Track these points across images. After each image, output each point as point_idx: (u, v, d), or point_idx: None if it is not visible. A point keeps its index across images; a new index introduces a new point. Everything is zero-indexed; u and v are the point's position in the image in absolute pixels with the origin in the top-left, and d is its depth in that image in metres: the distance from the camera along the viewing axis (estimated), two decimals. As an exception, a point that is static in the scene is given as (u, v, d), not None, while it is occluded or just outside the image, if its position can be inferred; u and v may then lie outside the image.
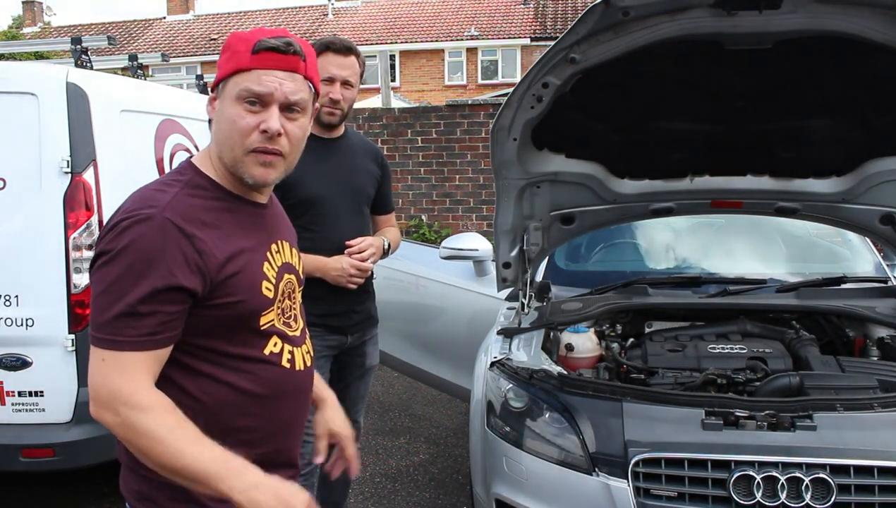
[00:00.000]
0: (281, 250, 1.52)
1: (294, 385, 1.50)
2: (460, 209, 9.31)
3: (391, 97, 11.19)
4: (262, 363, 1.43)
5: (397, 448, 4.47)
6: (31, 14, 30.79)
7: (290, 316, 1.52)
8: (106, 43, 4.64)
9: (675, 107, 2.69)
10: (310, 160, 2.65)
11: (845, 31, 2.19)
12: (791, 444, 2.06)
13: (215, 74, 1.45)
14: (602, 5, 2.17)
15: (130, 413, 1.26)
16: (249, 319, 1.40)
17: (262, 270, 1.43)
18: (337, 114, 2.64)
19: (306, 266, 2.59)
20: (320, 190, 2.63)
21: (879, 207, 2.90)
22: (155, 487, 1.37)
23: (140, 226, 1.29)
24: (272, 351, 1.45)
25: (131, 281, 1.27)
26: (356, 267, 2.61)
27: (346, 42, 2.62)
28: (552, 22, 25.45)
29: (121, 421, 1.27)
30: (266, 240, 1.48)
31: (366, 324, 2.83)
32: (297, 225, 2.63)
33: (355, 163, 2.77)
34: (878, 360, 2.70)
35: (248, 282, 1.39)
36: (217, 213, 1.39)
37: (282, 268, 1.49)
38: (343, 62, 2.60)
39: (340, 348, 2.76)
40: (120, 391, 1.27)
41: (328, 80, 2.58)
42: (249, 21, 29.09)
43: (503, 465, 2.40)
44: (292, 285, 1.54)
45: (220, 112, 1.42)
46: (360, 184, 2.77)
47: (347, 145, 2.78)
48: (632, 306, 2.98)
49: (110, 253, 1.29)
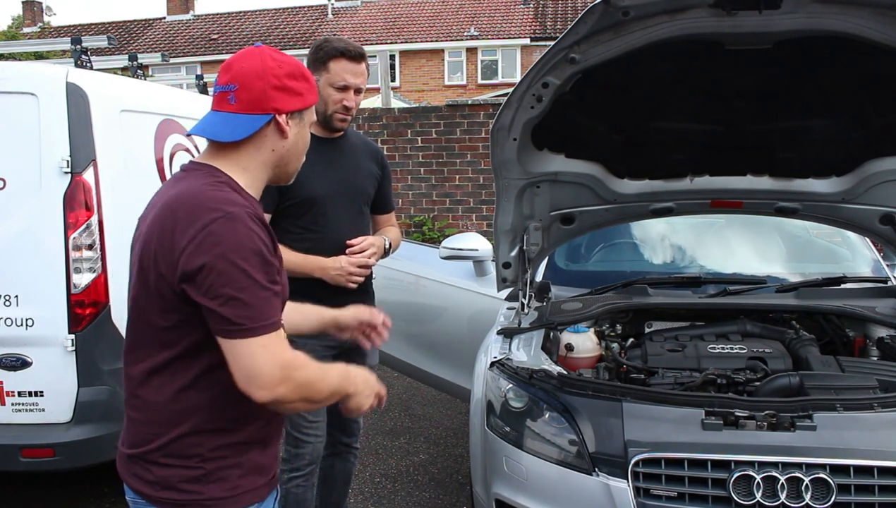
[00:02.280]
0: None
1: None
2: (460, 209, 9.31)
3: (391, 97, 11.20)
4: None
5: (397, 448, 4.47)
6: (31, 14, 30.79)
7: None
8: (106, 43, 4.63)
9: (675, 107, 2.69)
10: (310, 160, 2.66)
11: (845, 31, 2.19)
12: (791, 444, 2.06)
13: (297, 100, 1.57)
14: (602, 5, 2.17)
15: (299, 373, 1.48)
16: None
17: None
18: (347, 119, 2.68)
19: (306, 267, 2.60)
20: (321, 189, 2.64)
21: (879, 207, 2.90)
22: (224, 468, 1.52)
23: (234, 223, 1.42)
24: None
25: (258, 268, 1.43)
26: (356, 264, 2.62)
27: (359, 49, 2.63)
28: (552, 22, 25.45)
29: (296, 385, 1.47)
30: None
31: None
32: (297, 224, 2.65)
33: (356, 163, 2.78)
34: (878, 360, 2.70)
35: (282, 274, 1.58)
36: None
37: None
38: (357, 69, 2.62)
39: (340, 348, 2.75)
40: (287, 361, 1.46)
41: (342, 87, 2.60)
42: (249, 21, 29.09)
43: (503, 465, 2.40)
44: None
45: (302, 135, 1.62)
46: (360, 183, 2.77)
47: (349, 145, 2.79)
48: (632, 306, 2.98)
49: (223, 255, 1.40)
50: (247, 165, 1.56)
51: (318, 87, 2.59)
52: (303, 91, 1.57)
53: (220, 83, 1.55)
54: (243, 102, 1.52)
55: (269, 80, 1.52)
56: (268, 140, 1.56)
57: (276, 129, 1.55)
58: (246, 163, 1.56)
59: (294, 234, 2.62)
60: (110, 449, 3.34)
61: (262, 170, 1.59)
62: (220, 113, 1.55)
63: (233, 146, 1.55)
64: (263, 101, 1.52)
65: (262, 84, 1.51)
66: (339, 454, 2.96)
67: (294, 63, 1.57)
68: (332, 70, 2.60)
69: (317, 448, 2.73)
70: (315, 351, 2.66)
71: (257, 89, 1.51)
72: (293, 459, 2.71)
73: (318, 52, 2.62)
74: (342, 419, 2.90)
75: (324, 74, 2.61)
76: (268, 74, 1.52)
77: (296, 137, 1.60)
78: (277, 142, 1.57)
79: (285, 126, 1.55)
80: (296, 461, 2.71)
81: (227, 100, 1.53)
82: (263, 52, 1.55)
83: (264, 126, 1.54)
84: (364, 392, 1.65)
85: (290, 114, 1.56)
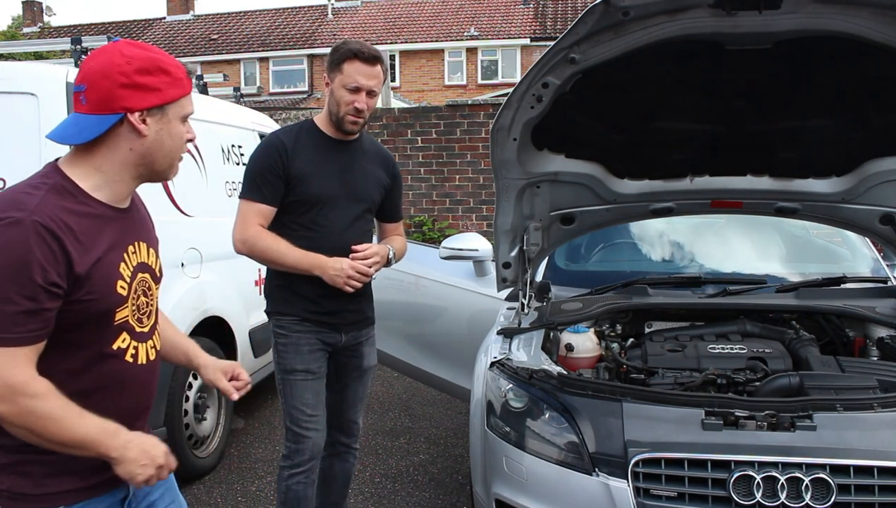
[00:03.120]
0: (137, 251, 1.62)
1: (133, 377, 1.62)
2: (460, 209, 9.31)
3: (391, 97, 11.20)
4: (108, 357, 1.55)
5: (397, 448, 4.47)
6: (31, 14, 30.78)
7: (144, 312, 1.64)
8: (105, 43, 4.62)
9: (675, 107, 2.69)
10: (318, 159, 2.65)
11: (845, 32, 2.19)
12: (791, 444, 2.05)
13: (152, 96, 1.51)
14: (602, 5, 2.17)
15: (29, 401, 1.40)
16: (105, 315, 1.52)
17: (119, 270, 1.54)
18: (360, 122, 2.64)
19: (305, 263, 2.58)
20: (324, 190, 2.63)
21: (879, 207, 2.90)
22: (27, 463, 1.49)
23: (10, 230, 1.38)
24: (119, 346, 1.57)
25: (12, 280, 1.38)
26: (356, 269, 2.59)
27: (374, 51, 2.60)
28: (552, 22, 25.45)
29: (18, 410, 1.40)
30: (123, 241, 1.58)
31: (361, 324, 2.82)
32: (297, 222, 2.63)
33: (364, 169, 2.75)
34: (878, 360, 2.70)
35: (105, 281, 1.50)
36: (81, 218, 1.48)
37: (137, 268, 1.60)
38: (370, 71, 2.58)
39: (335, 346, 2.76)
40: (16, 382, 1.40)
41: (354, 88, 2.58)
42: (249, 21, 29.08)
43: (503, 465, 2.40)
44: (147, 283, 1.65)
45: (166, 131, 1.55)
46: (366, 189, 2.75)
47: (361, 149, 2.76)
48: (632, 306, 2.98)
49: None
50: (101, 166, 1.52)
51: (332, 89, 2.61)
52: (159, 86, 1.50)
53: (76, 83, 1.51)
54: (92, 103, 1.48)
55: (115, 78, 1.46)
56: (123, 140, 1.51)
57: (130, 128, 1.50)
58: (100, 164, 1.52)
59: (292, 231, 2.62)
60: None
61: (123, 170, 1.54)
62: (74, 114, 1.51)
63: (87, 147, 1.51)
64: (111, 101, 1.47)
65: (108, 83, 1.46)
66: (338, 454, 2.95)
67: (148, 57, 1.50)
68: (345, 71, 2.58)
69: (317, 443, 2.72)
70: (311, 343, 2.68)
71: (104, 89, 1.47)
72: (293, 455, 2.70)
73: (334, 54, 2.62)
74: (340, 418, 2.90)
75: (338, 76, 2.60)
76: (114, 72, 1.46)
77: (158, 134, 1.53)
78: (135, 142, 1.51)
79: (139, 124, 1.50)
80: (296, 456, 2.69)
81: (79, 100, 1.50)
82: (115, 48, 1.50)
83: (116, 126, 1.49)
84: (138, 461, 1.49)
85: (148, 110, 1.50)
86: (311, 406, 2.69)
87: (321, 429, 2.73)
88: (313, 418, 2.69)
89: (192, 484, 3.98)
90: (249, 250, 2.63)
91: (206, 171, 4.33)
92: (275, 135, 2.71)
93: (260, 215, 2.61)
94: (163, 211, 3.88)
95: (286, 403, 2.71)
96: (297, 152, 2.63)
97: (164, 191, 3.90)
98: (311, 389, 2.69)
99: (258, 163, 2.64)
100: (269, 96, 25.01)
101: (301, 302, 2.68)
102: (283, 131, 2.72)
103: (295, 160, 2.61)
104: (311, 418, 2.69)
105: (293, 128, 2.72)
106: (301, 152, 2.63)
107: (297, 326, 2.68)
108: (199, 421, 4.05)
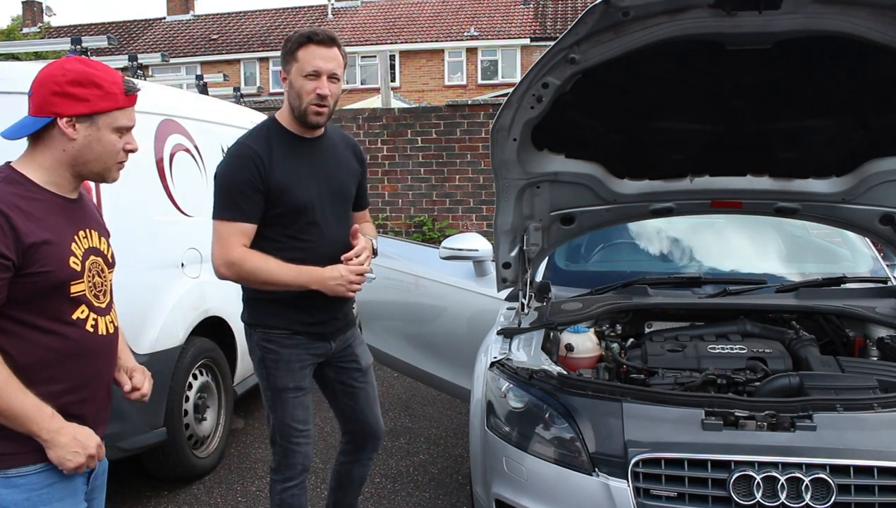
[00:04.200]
0: (88, 237, 1.82)
1: (95, 345, 1.80)
2: (460, 209, 9.31)
3: (391, 97, 11.20)
4: (69, 325, 1.74)
5: (397, 448, 4.47)
6: (31, 14, 30.78)
7: (100, 290, 1.84)
8: (106, 43, 4.63)
9: (675, 107, 2.69)
10: (295, 164, 2.51)
11: (845, 32, 2.19)
12: (791, 444, 2.05)
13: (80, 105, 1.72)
14: (602, 5, 2.17)
15: None
16: (62, 287, 1.71)
17: (70, 248, 1.75)
18: (324, 112, 2.47)
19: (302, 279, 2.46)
20: (309, 196, 2.50)
21: (879, 207, 2.90)
22: None
23: None
24: (79, 316, 1.76)
25: None
26: (354, 271, 2.50)
27: (328, 32, 2.44)
28: (552, 22, 25.45)
29: None
30: (74, 226, 1.78)
31: (346, 328, 2.73)
32: (284, 235, 2.51)
33: (338, 163, 2.63)
34: (878, 360, 2.70)
35: (57, 256, 1.70)
36: (30, 201, 1.70)
37: (88, 250, 1.80)
38: (327, 54, 2.42)
39: (326, 355, 2.67)
40: None
41: (313, 74, 2.41)
42: (249, 21, 29.09)
43: (503, 465, 2.40)
44: (99, 266, 1.84)
45: (95, 137, 1.75)
46: (344, 184, 2.64)
47: (329, 143, 2.63)
48: (632, 306, 2.98)
49: None
50: (42, 162, 1.75)
51: (290, 81, 2.46)
52: (89, 97, 1.72)
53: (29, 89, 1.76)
54: (32, 106, 1.74)
55: (49, 86, 1.71)
56: (57, 141, 1.74)
57: (60, 132, 1.72)
58: (41, 161, 1.75)
59: (283, 243, 2.49)
60: (110, 449, 3.34)
61: (60, 168, 1.76)
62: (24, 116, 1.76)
63: (33, 148, 1.76)
64: (44, 105, 1.71)
65: (44, 90, 1.72)
66: (358, 461, 2.90)
67: (83, 71, 1.73)
68: (300, 58, 2.41)
69: (308, 455, 2.66)
70: (302, 359, 2.60)
71: (41, 95, 1.72)
72: (284, 469, 2.62)
73: (286, 45, 2.46)
74: (364, 423, 2.82)
75: (293, 66, 2.43)
76: (49, 81, 1.71)
77: (87, 140, 1.74)
78: (66, 144, 1.74)
79: (67, 128, 1.72)
80: (287, 470, 2.62)
81: (28, 104, 1.75)
82: (60, 62, 1.75)
83: (49, 128, 1.72)
84: (69, 446, 1.68)
85: (78, 117, 1.72)
86: (303, 421, 2.61)
87: (311, 440, 2.67)
88: (305, 432, 2.62)
89: (192, 484, 3.98)
90: (236, 274, 2.45)
91: (206, 171, 4.33)
92: (244, 145, 2.49)
93: (242, 235, 2.43)
94: (163, 211, 3.88)
95: (277, 420, 2.61)
96: (274, 162, 2.45)
97: (165, 191, 3.90)
98: (301, 405, 2.61)
99: (234, 178, 2.43)
100: (269, 96, 24.94)
101: (292, 314, 2.55)
102: (252, 139, 2.51)
103: (273, 170, 2.44)
104: (303, 432, 2.62)
105: (260, 134, 2.52)
106: (277, 161, 2.46)
107: (288, 340, 2.56)
108: (199, 421, 4.05)
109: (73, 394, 1.75)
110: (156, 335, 3.62)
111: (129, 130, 1.81)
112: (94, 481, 1.88)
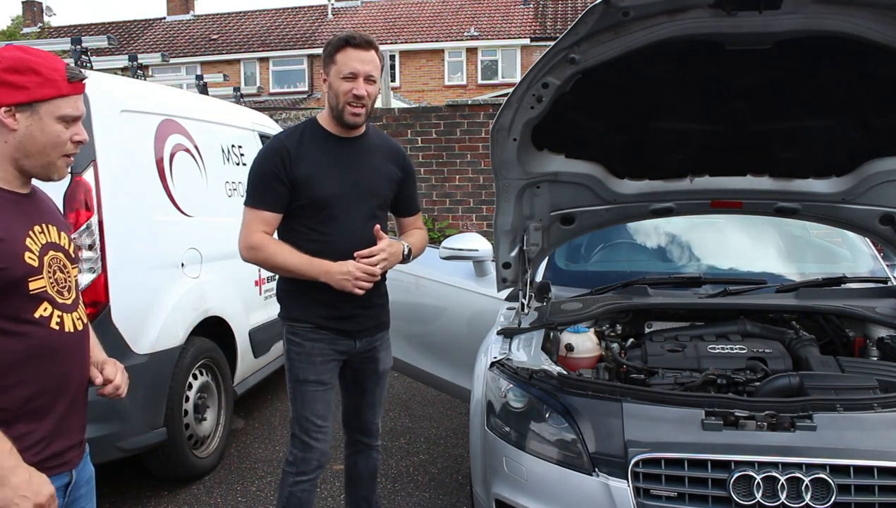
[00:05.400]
0: (46, 232, 1.73)
1: (62, 344, 1.70)
2: (460, 209, 9.31)
3: (391, 97, 11.20)
4: (31, 324, 1.64)
5: (397, 448, 4.47)
6: (31, 14, 30.77)
7: (63, 286, 1.74)
8: (106, 43, 4.63)
9: (675, 107, 2.69)
10: (324, 159, 2.60)
11: (845, 32, 2.19)
12: (791, 444, 2.05)
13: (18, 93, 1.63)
14: (602, 5, 2.17)
15: None
16: (19, 284, 1.62)
17: (25, 243, 1.65)
18: (361, 113, 2.56)
19: (311, 270, 2.53)
20: (331, 191, 2.58)
21: (879, 207, 2.90)
22: None
23: None
24: (42, 314, 1.66)
25: None
26: (363, 270, 2.53)
27: (366, 36, 2.55)
28: (552, 22, 25.44)
29: None
30: (28, 221, 1.69)
31: (376, 329, 2.77)
32: (306, 226, 2.59)
33: (373, 164, 2.69)
34: (878, 360, 2.70)
35: (11, 251, 1.61)
36: None
37: (47, 246, 1.71)
38: (364, 56, 2.52)
39: (349, 353, 2.71)
40: None
41: (350, 75, 2.51)
42: (249, 21, 29.08)
43: (503, 465, 2.40)
44: (60, 261, 1.75)
45: (38, 127, 1.66)
46: (375, 185, 2.68)
47: (367, 145, 2.70)
48: (632, 306, 2.98)
49: None
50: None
51: (330, 83, 2.56)
52: (27, 84, 1.62)
53: None
54: None
55: None
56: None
57: (0, 123, 1.63)
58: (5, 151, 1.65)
59: (302, 235, 2.59)
60: (110, 450, 3.35)
61: (5, 162, 1.67)
62: None
63: None
64: None
65: None
66: (359, 451, 2.94)
67: (20, 58, 1.63)
68: (339, 61, 2.52)
69: (325, 452, 2.70)
70: (324, 354, 2.66)
71: None
72: (300, 463, 2.67)
73: (326, 49, 2.57)
74: (360, 421, 2.89)
75: (332, 67, 2.54)
76: None
77: (28, 130, 1.65)
78: (7, 135, 1.65)
79: (6, 118, 1.63)
80: (302, 464, 2.67)
81: None
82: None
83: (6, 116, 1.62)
84: (19, 490, 1.55)
85: (17, 106, 1.63)
86: (322, 416, 2.66)
87: (329, 439, 2.72)
88: (323, 428, 2.67)
89: (192, 484, 3.97)
90: (255, 258, 2.60)
91: (206, 172, 4.33)
92: (277, 138, 2.65)
93: (263, 222, 2.57)
94: (163, 211, 3.88)
95: (296, 412, 2.67)
96: (301, 155, 2.57)
97: (164, 191, 3.90)
98: (322, 399, 2.66)
99: (260, 168, 2.59)
100: (269, 96, 25.01)
101: (317, 308, 2.62)
102: (286, 134, 2.66)
103: (299, 163, 2.55)
104: (321, 428, 2.66)
105: (296, 130, 2.65)
106: (305, 154, 2.57)
107: (312, 334, 2.64)
108: (199, 421, 4.05)
109: (43, 398, 1.66)
110: (156, 335, 3.62)
111: (76, 120, 1.71)
112: (78, 491, 1.80)
